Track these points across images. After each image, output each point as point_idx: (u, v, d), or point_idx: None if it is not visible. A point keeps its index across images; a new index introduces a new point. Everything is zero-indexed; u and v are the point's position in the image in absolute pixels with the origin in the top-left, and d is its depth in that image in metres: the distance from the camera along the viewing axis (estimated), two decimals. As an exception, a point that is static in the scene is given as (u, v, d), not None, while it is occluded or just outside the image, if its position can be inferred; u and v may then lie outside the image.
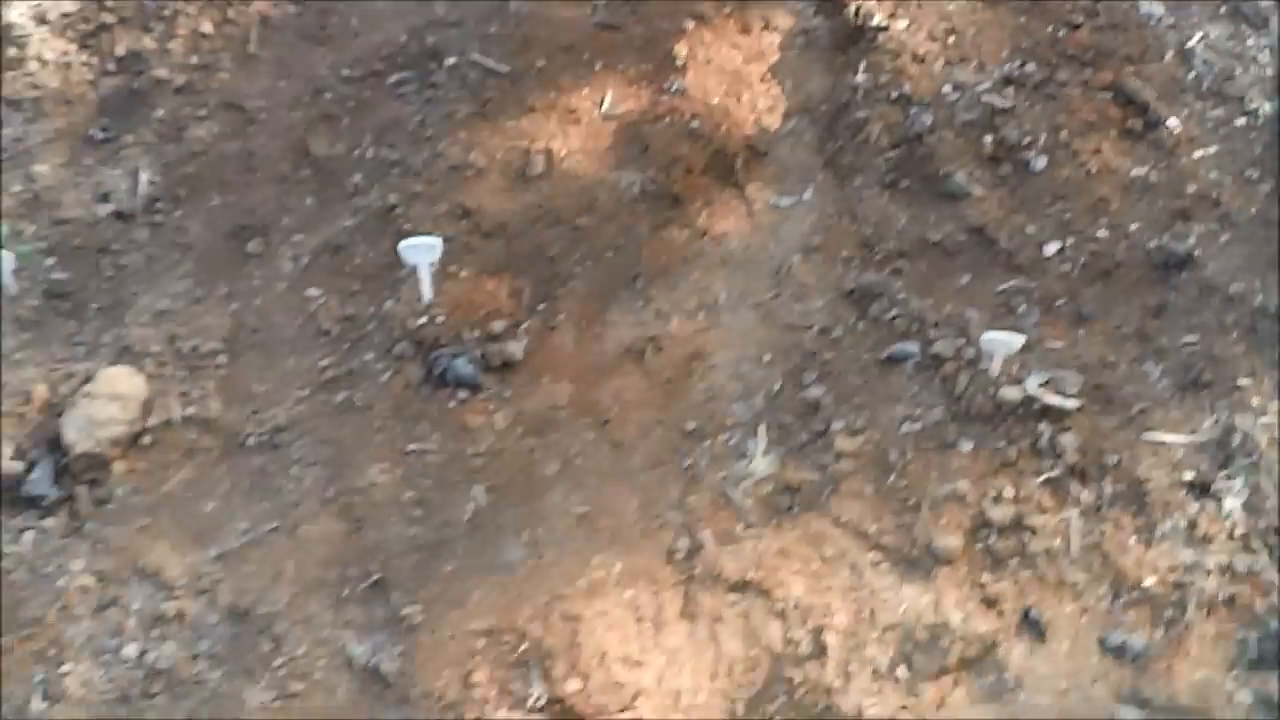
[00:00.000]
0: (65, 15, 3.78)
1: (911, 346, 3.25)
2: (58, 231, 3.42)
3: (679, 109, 3.54)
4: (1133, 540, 2.91)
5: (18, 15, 3.77)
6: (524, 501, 3.00)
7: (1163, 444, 3.06)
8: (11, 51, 3.69)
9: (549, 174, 3.42)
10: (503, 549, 2.93)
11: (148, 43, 3.71)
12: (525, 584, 2.88)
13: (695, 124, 3.52)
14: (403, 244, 3.12)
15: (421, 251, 3.12)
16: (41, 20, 3.77)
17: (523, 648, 2.78)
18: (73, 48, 3.74)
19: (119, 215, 3.44)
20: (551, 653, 2.76)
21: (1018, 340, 3.09)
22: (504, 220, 3.35)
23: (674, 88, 3.58)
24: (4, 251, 3.20)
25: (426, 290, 3.18)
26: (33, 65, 3.69)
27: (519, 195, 3.38)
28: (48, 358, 3.21)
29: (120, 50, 3.71)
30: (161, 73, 3.65)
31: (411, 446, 3.07)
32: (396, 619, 2.83)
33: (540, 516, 2.98)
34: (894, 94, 3.63)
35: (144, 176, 3.49)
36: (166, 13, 3.76)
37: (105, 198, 3.46)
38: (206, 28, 3.73)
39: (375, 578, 2.88)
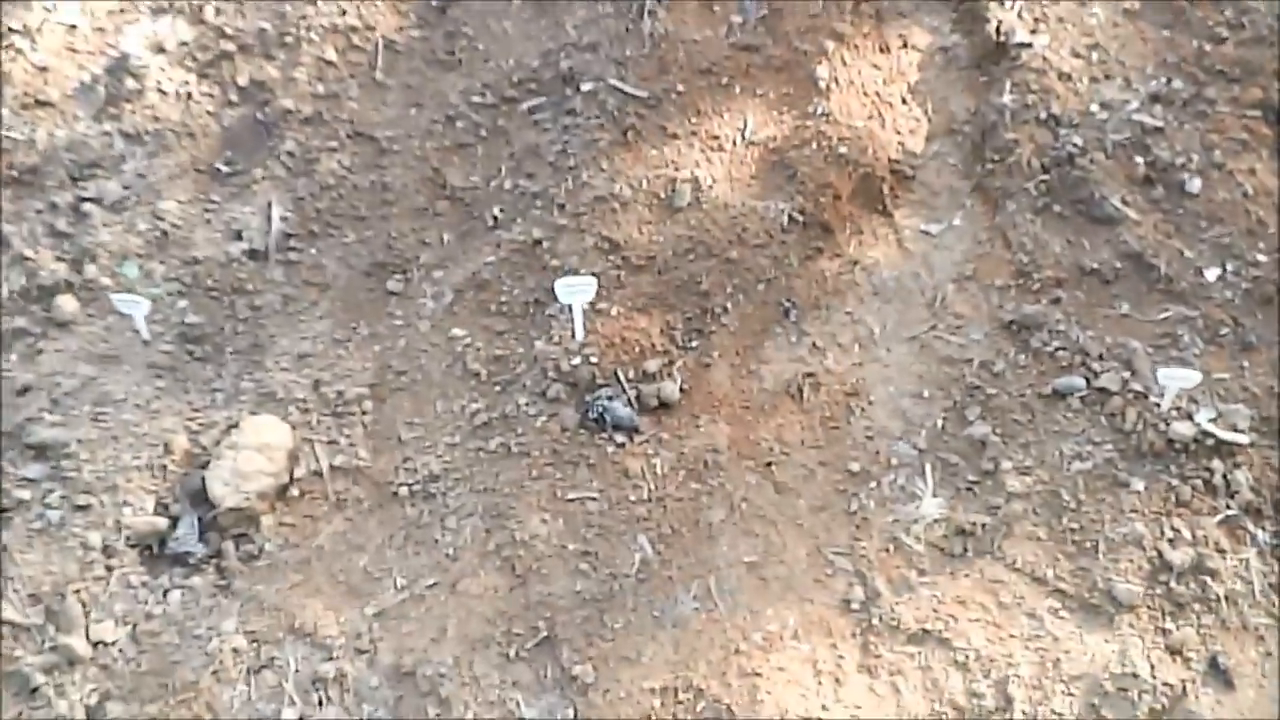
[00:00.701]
0: (183, 43, 3.68)
1: (1076, 380, 3.15)
2: (189, 272, 3.33)
3: (824, 133, 3.44)
4: (1315, 581, 2.81)
5: (133, 44, 3.67)
6: (692, 550, 2.91)
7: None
8: (130, 83, 3.60)
9: (696, 204, 3.31)
10: (673, 601, 2.84)
11: (271, 71, 3.61)
12: (699, 638, 2.79)
13: (842, 149, 3.41)
14: (559, 283, 3.03)
15: (577, 291, 3.03)
16: (159, 49, 3.67)
17: (700, 706, 2.70)
18: (192, 77, 3.64)
19: (252, 254, 3.35)
20: (732, 711, 2.67)
21: (1195, 377, 2.99)
22: (653, 253, 3.25)
23: (818, 111, 3.47)
24: (139, 298, 3.11)
25: (579, 329, 3.09)
26: (152, 97, 3.60)
27: (667, 226, 3.28)
28: (186, 406, 3.14)
29: (242, 80, 3.61)
30: (287, 103, 3.54)
31: (572, 494, 2.98)
32: (568, 678, 2.75)
33: (709, 566, 2.90)
34: (1042, 114, 3.52)
35: (276, 212, 3.39)
36: (289, 39, 3.65)
37: (238, 235, 3.36)
38: (330, 55, 3.62)
39: (543, 635, 2.80)
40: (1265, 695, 2.76)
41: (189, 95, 3.63)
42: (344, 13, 3.73)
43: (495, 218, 3.38)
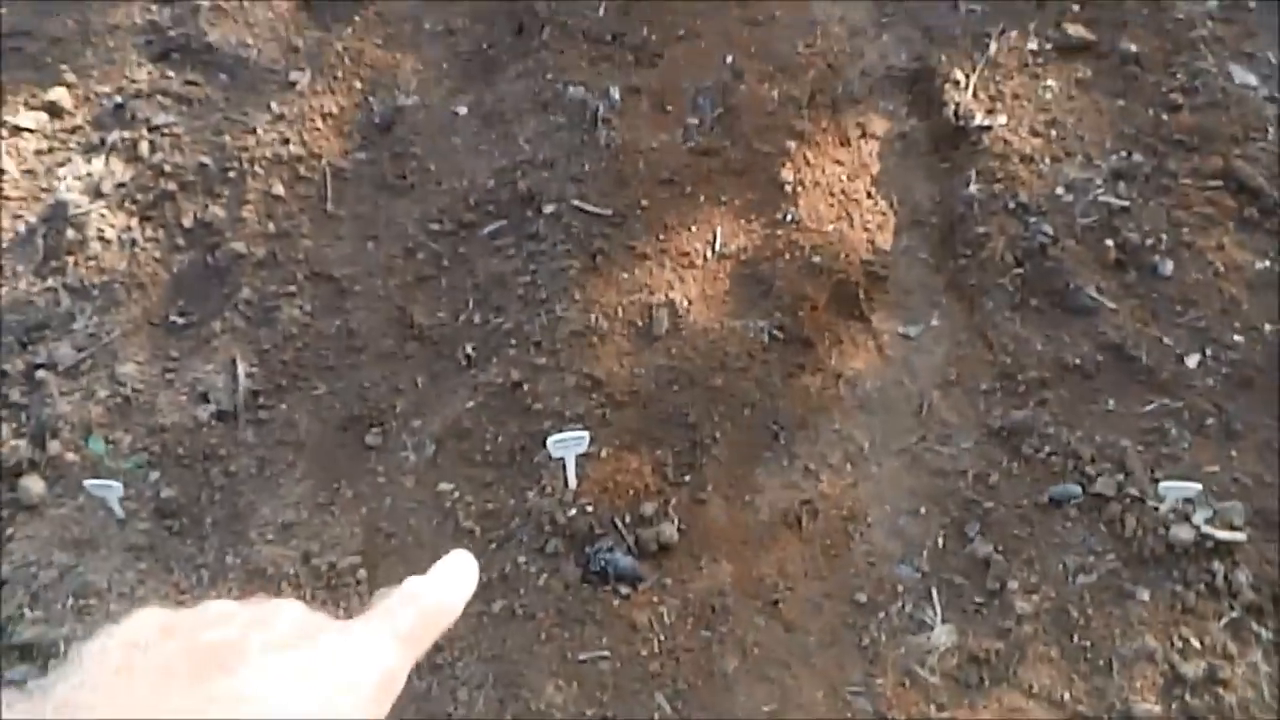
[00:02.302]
0: (121, 185, 3.53)
1: (1072, 487, 3.15)
2: (157, 441, 3.18)
3: (795, 241, 3.39)
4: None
5: (69, 189, 3.50)
6: (709, 705, 2.87)
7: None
8: (70, 233, 3.43)
9: (674, 330, 3.25)
10: (697, 763, 2.79)
11: (216, 210, 3.46)
12: (727, 800, 2.75)
13: (815, 258, 3.36)
14: (551, 441, 2.94)
15: (570, 445, 2.96)
16: (96, 193, 3.51)
17: None
18: (135, 222, 3.49)
19: (220, 415, 3.21)
20: None
21: (1194, 488, 3.00)
22: (635, 387, 3.18)
23: (787, 218, 3.41)
24: (111, 482, 2.97)
25: (572, 478, 3.02)
26: (95, 246, 3.44)
27: (647, 357, 3.21)
28: (172, 588, 3.01)
29: (187, 221, 3.46)
30: (238, 245, 3.40)
31: (583, 655, 2.91)
32: None
33: (729, 721, 2.85)
34: (1010, 204, 3.51)
35: (241, 369, 3.24)
36: (232, 174, 3.50)
37: (204, 397, 3.22)
38: (278, 188, 3.48)
39: (570, 810, 2.73)
40: (1283, 801, 2.79)
41: (134, 242, 3.47)
42: (286, 141, 3.58)
43: (468, 357, 3.28)
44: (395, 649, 0.73)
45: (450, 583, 0.81)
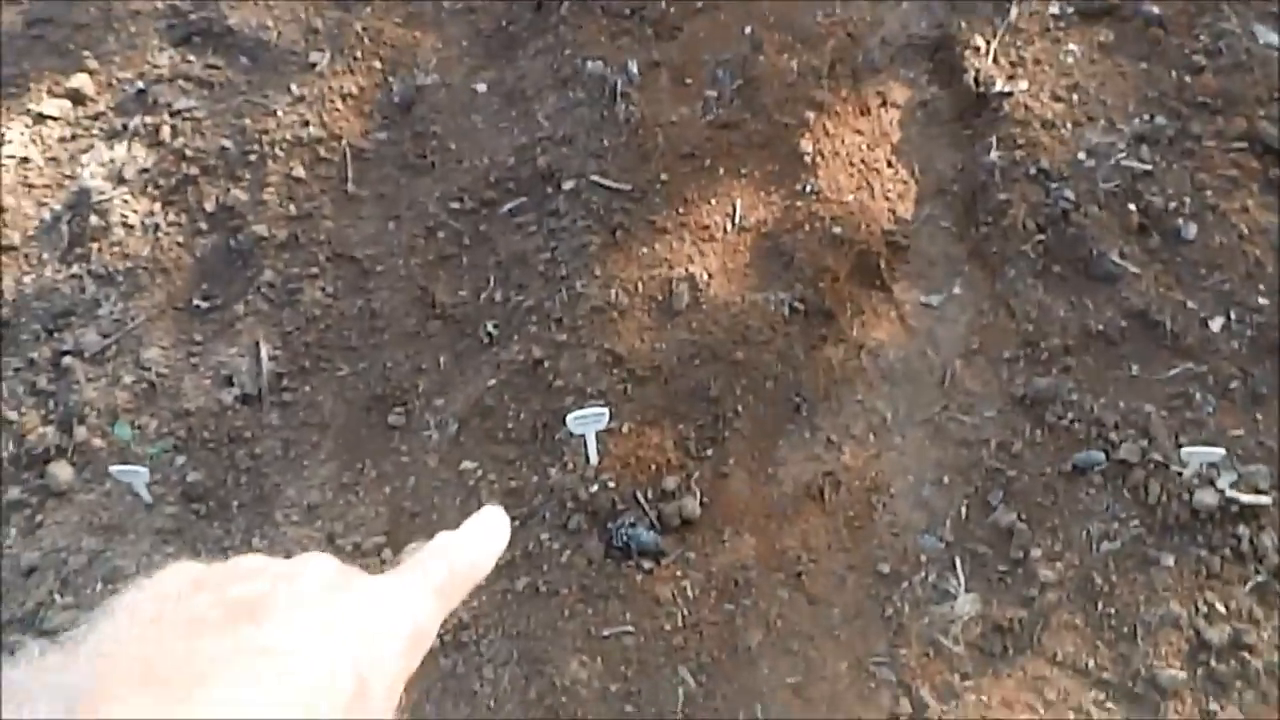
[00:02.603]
0: (144, 170, 3.55)
1: (1096, 454, 3.13)
2: (183, 425, 3.22)
3: (815, 213, 3.37)
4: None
5: (92, 176, 3.53)
6: (734, 678, 2.88)
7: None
8: (94, 219, 3.46)
9: (695, 304, 3.24)
10: (722, 735, 2.81)
11: (238, 194, 3.48)
12: (752, 773, 2.77)
13: (835, 229, 3.34)
14: (570, 418, 2.95)
15: (590, 422, 2.97)
16: (119, 179, 3.53)
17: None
18: (158, 207, 3.51)
19: (245, 399, 3.24)
20: None
21: (1218, 453, 2.98)
22: (657, 363, 3.18)
23: (807, 189, 3.40)
24: (138, 468, 3.00)
25: (593, 455, 3.03)
26: (119, 232, 3.46)
27: (669, 332, 3.21)
28: (200, 569, 3.03)
29: (209, 205, 3.48)
30: (260, 228, 3.42)
31: (606, 631, 2.93)
32: (625, 825, 2.72)
33: (754, 693, 2.87)
34: (1031, 170, 3.47)
35: (264, 351, 3.27)
36: (253, 157, 3.52)
37: (228, 380, 3.25)
38: (299, 170, 3.50)
39: (596, 784, 2.76)
40: (1315, 768, 2.78)
41: (156, 227, 3.50)
42: (306, 123, 3.60)
43: (490, 335, 3.29)
44: (427, 602, 0.73)
45: (482, 538, 0.81)
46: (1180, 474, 3.06)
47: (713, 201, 3.42)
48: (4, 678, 0.58)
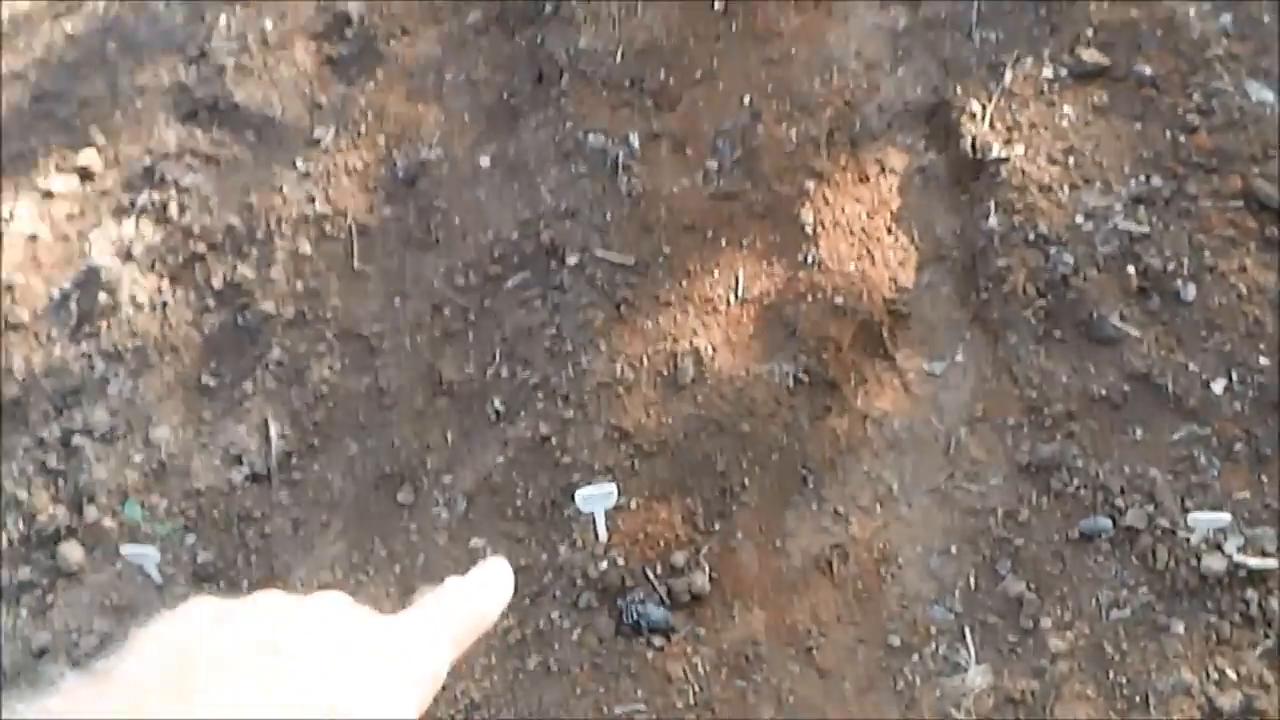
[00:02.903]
0: (150, 248, 3.58)
1: (1102, 520, 3.14)
2: (193, 504, 3.24)
3: (817, 284, 3.40)
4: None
5: (100, 253, 3.57)
6: (746, 755, 2.88)
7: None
8: (102, 296, 3.49)
9: (701, 379, 3.27)
10: (736, 815, 2.81)
11: (245, 271, 3.51)
12: None
13: (837, 299, 3.37)
14: (579, 495, 2.97)
15: (598, 500, 2.99)
16: (127, 255, 3.57)
17: None
18: (166, 284, 3.54)
19: (254, 477, 3.26)
20: None
21: (1224, 519, 2.99)
22: (664, 437, 3.20)
23: (808, 260, 3.42)
24: (148, 549, 3.02)
25: (602, 531, 3.05)
26: (127, 310, 3.50)
27: (674, 406, 3.23)
28: (213, 650, 3.04)
29: (217, 282, 3.51)
30: (267, 305, 3.45)
31: (619, 709, 2.95)
32: None
33: (767, 770, 2.87)
34: (1030, 235, 3.50)
35: (273, 430, 3.29)
36: (259, 234, 3.55)
37: (237, 459, 3.27)
38: (305, 248, 3.53)
39: None
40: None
41: (164, 305, 3.53)
42: (312, 199, 3.63)
43: (497, 412, 3.31)
44: (440, 645, 0.76)
45: (490, 586, 0.84)
46: (1188, 540, 3.07)
47: (715, 273, 3.45)
48: (43, 707, 0.61)
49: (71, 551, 3.20)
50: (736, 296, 3.43)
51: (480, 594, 0.83)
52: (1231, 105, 3.75)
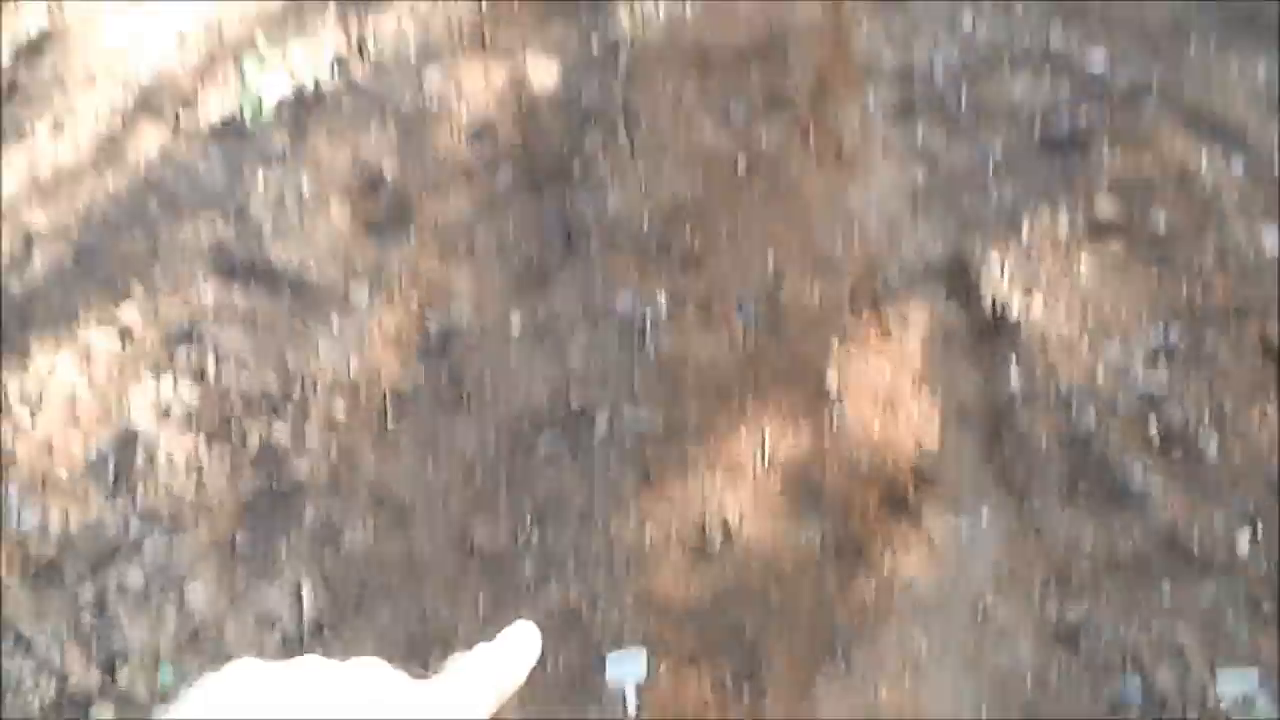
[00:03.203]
0: (188, 407, 3.65)
1: (1132, 686, 3.15)
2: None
3: (842, 446, 3.44)
4: None
5: (138, 412, 3.64)
6: None
7: None
8: (139, 456, 3.56)
9: (729, 546, 3.31)
10: None
11: (280, 434, 3.58)
12: None
13: (863, 463, 3.41)
14: (609, 659, 3.04)
15: (628, 665, 3.04)
16: (165, 414, 3.64)
17: None
18: (202, 444, 3.60)
19: (286, 643, 3.29)
20: None
21: (1252, 676, 3.00)
22: (694, 606, 3.24)
23: (834, 424, 3.47)
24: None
25: (632, 707, 3.07)
26: (163, 470, 3.56)
27: (704, 575, 3.28)
28: (247, 821, 3.06)
29: (253, 443, 3.58)
30: (301, 468, 3.51)
31: None
32: None
33: None
34: (1052, 395, 3.54)
35: (306, 594, 3.34)
36: (295, 398, 3.62)
37: (270, 625, 3.31)
38: (339, 410, 3.60)
39: None
40: None
41: (200, 466, 3.59)
42: (346, 361, 3.71)
43: (527, 581, 3.35)
44: (476, 709, 0.79)
45: (518, 652, 0.87)
46: (1220, 702, 3.08)
47: (742, 436, 3.51)
48: None
49: (103, 714, 3.24)
50: (763, 461, 3.48)
51: (510, 657, 0.86)
52: (1246, 254, 3.81)
